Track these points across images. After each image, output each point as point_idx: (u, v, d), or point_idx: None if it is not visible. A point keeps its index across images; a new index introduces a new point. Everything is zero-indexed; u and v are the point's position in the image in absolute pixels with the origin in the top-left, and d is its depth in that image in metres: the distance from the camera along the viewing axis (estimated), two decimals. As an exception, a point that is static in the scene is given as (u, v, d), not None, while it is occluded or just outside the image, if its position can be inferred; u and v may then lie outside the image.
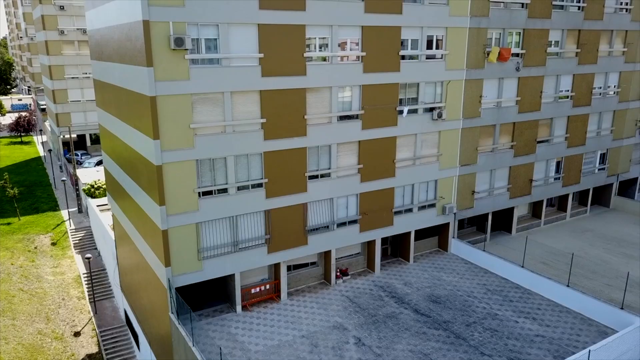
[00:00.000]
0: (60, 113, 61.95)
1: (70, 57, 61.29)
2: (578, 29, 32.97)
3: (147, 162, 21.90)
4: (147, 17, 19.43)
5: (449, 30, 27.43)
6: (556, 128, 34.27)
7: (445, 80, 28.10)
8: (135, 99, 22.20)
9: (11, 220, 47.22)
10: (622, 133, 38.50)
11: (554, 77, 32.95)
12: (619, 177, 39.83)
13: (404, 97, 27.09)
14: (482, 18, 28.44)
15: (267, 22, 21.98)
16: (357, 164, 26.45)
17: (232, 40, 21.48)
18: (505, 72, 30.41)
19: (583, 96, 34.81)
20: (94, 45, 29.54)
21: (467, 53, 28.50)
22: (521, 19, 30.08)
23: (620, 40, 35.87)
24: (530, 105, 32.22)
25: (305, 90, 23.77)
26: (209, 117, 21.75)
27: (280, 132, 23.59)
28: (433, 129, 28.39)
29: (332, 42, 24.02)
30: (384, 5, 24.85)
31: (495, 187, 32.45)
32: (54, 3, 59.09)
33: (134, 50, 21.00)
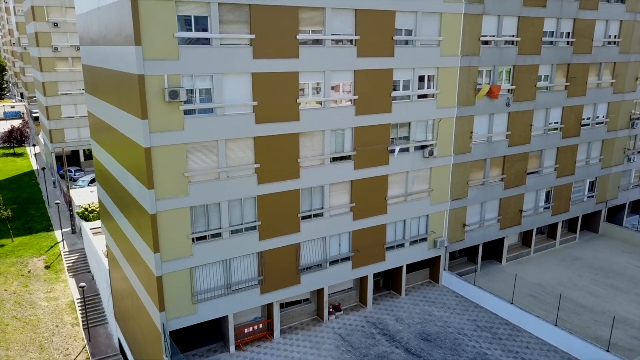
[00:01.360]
0: (54, 129, 61.92)
1: (64, 74, 61.29)
2: (567, 63, 33.53)
3: (142, 209, 22.15)
4: (142, 71, 19.70)
5: (440, 70, 27.87)
6: (546, 159, 34.82)
7: (437, 118, 28.54)
8: (130, 146, 22.44)
9: (4, 242, 47.20)
10: (611, 161, 39.14)
11: (543, 110, 33.49)
12: (607, 203, 40.46)
13: (395, 136, 27.49)
14: (472, 57, 28.91)
15: (260, 71, 22.30)
16: (350, 202, 26.82)
17: (226, 89, 21.79)
18: (496, 107, 30.90)
19: (572, 127, 35.39)
20: (88, 77, 29.72)
21: (458, 91, 28.95)
22: (511, 56, 30.58)
23: (609, 71, 36.49)
24: (520, 138, 32.74)
25: (298, 134, 24.12)
26: (203, 165, 22.03)
27: (274, 176, 23.91)
28: (424, 165, 28.81)
29: (325, 86, 24.38)
30: (376, 49, 25.25)
31: (486, 219, 32.93)
32: (47, 20, 59.09)
33: (130, 100, 21.25)
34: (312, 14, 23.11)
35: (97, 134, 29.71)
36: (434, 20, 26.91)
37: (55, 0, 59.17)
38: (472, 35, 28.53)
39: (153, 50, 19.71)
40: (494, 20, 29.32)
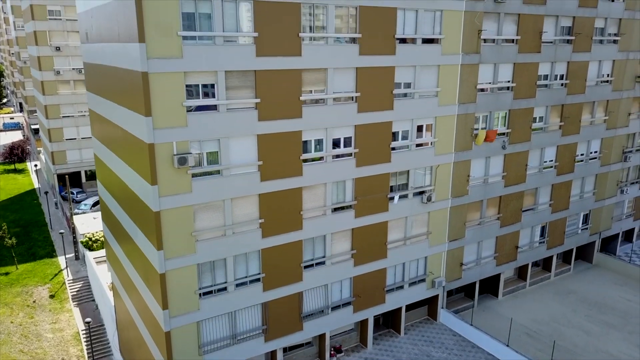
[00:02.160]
0: (56, 151, 62.60)
1: (66, 97, 61.94)
2: (561, 104, 34.44)
3: (152, 267, 22.92)
4: (152, 140, 20.49)
5: (438, 119, 28.73)
6: (541, 196, 35.72)
7: (435, 164, 29.39)
8: (141, 205, 23.20)
9: (9, 270, 47.86)
10: (604, 194, 40.07)
11: (538, 150, 34.38)
12: (601, 234, 41.40)
13: (394, 183, 28.33)
14: (469, 104, 29.77)
15: (265, 132, 23.12)
16: (351, 249, 27.65)
17: (232, 151, 22.59)
18: (492, 150, 31.77)
19: (566, 164, 36.29)
20: (99, 127, 30.46)
21: (456, 137, 29.81)
22: (507, 101, 31.47)
23: (602, 109, 37.43)
24: (515, 178, 33.63)
25: (301, 188, 24.94)
26: (209, 224, 22.83)
27: (278, 229, 24.72)
28: (423, 210, 29.66)
29: (327, 142, 25.21)
30: (376, 104, 26.09)
31: (483, 257, 33.79)
32: (50, 44, 59.73)
33: (140, 164, 22.02)
34: (314, 74, 23.94)
35: (108, 181, 30.46)
36: (432, 73, 27.77)
37: (58, 24, 59.84)
38: (469, 83, 29.40)
39: (162, 119, 20.50)
40: (490, 68, 30.19)
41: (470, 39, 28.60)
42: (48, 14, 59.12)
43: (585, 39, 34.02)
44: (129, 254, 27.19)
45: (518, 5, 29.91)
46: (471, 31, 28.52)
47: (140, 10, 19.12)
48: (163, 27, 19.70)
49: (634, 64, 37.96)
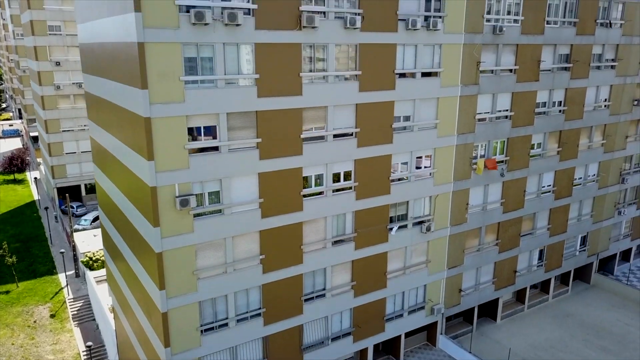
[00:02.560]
0: (56, 165, 62.75)
1: (66, 111, 62.06)
2: (559, 130, 34.72)
3: (153, 304, 23.13)
4: (155, 183, 20.70)
5: (437, 149, 28.97)
6: (539, 220, 35.98)
7: (434, 194, 29.64)
8: (143, 245, 23.41)
9: (9, 288, 48.00)
10: (602, 215, 40.35)
11: (536, 175, 34.64)
12: (598, 255, 41.68)
13: (394, 214, 28.57)
14: (468, 134, 30.03)
15: (267, 170, 23.34)
16: (351, 281, 27.88)
17: (234, 190, 22.81)
18: (490, 178, 32.02)
19: (564, 189, 36.57)
20: (100, 158, 30.66)
21: (455, 167, 30.06)
22: (505, 129, 31.72)
23: (600, 133, 37.70)
24: (514, 204, 33.89)
25: (302, 223, 25.17)
26: (211, 262, 23.04)
27: (279, 264, 24.95)
28: (422, 240, 29.90)
29: (327, 177, 25.43)
30: (375, 138, 26.33)
31: (481, 282, 34.05)
32: (50, 60, 59.85)
33: (143, 205, 22.22)
34: (315, 112, 24.18)
35: (111, 213, 30.64)
36: (431, 105, 28.01)
37: (58, 40, 59.96)
38: (468, 114, 29.64)
39: (165, 162, 20.71)
40: (488, 98, 30.45)
41: (469, 71, 28.85)
42: (48, 29, 59.26)
43: (583, 65, 34.29)
44: (130, 284, 27.39)
45: (516, 36, 30.17)
46: (470, 63, 28.77)
47: (142, 57, 19.34)
48: (165, 73, 19.91)
49: (631, 87, 38.25)
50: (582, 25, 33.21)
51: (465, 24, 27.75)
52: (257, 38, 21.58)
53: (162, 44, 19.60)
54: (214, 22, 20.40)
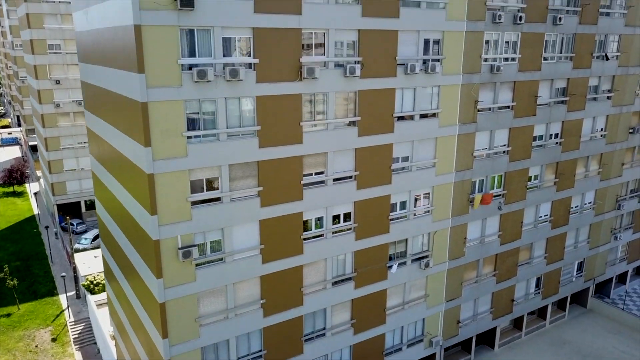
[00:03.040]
0: (56, 182, 62.98)
1: (66, 128, 62.26)
2: (556, 161, 35.10)
3: (156, 349, 23.47)
4: (158, 236, 21.03)
5: (435, 187, 29.33)
6: (536, 250, 36.39)
7: (432, 231, 30.01)
8: (146, 292, 23.73)
9: (11, 310, 48.27)
10: (598, 241, 40.78)
11: (533, 207, 35.05)
12: (595, 280, 42.12)
13: (393, 252, 28.94)
14: (466, 171, 30.39)
15: (268, 217, 23.68)
16: (350, 319, 28.25)
17: (235, 238, 23.14)
18: (488, 212, 32.41)
19: (561, 218, 36.98)
20: (104, 198, 30.97)
21: (453, 203, 30.43)
22: (503, 164, 32.09)
23: (596, 162, 38.11)
24: (511, 235, 34.28)
25: (302, 266, 25.52)
26: (213, 308, 23.37)
27: (279, 307, 25.30)
28: (420, 276, 30.28)
29: (327, 219, 25.78)
30: (374, 180, 26.67)
31: (479, 313, 34.45)
32: (50, 78, 60.06)
33: (146, 256, 22.55)
34: (315, 158, 24.52)
35: (113, 250, 30.97)
36: (430, 145, 28.38)
37: (58, 58, 60.15)
38: (465, 151, 30.01)
39: (168, 216, 21.03)
40: (486, 135, 30.82)
41: (467, 110, 29.21)
42: (48, 48, 59.46)
43: (579, 98, 34.68)
44: (132, 323, 27.73)
45: (513, 73, 30.55)
46: (468, 102, 29.13)
47: (146, 116, 19.65)
48: (168, 130, 20.23)
49: (627, 116, 38.67)
50: (578, 60, 33.60)
51: (463, 65, 28.11)
52: (258, 91, 21.91)
53: (165, 102, 19.92)
54: (216, 79, 20.73)
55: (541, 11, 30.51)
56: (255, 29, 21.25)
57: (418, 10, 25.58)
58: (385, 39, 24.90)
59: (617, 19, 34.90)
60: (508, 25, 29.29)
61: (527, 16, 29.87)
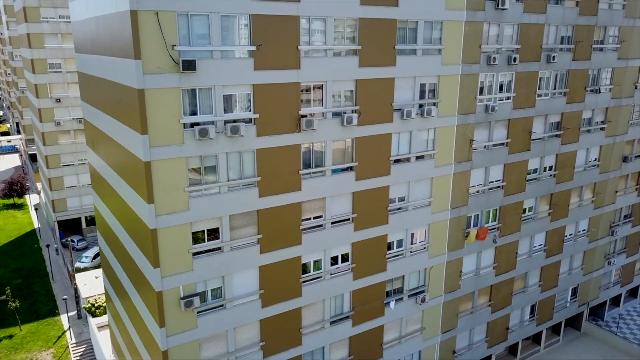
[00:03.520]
0: (57, 199, 63.49)
1: (66, 146, 62.75)
2: (550, 193, 35.74)
3: (158, 392, 24.11)
4: (160, 287, 21.62)
5: (431, 225, 29.94)
6: (530, 278, 37.04)
7: (429, 266, 30.64)
8: (149, 338, 24.32)
9: (13, 332, 48.82)
10: (592, 267, 41.46)
11: (528, 237, 35.69)
12: (589, 304, 42.80)
13: (390, 288, 29.57)
14: (461, 207, 31.01)
15: (268, 263, 24.28)
16: (348, 355, 28.86)
17: (235, 284, 23.75)
18: (483, 246, 33.03)
19: (555, 246, 37.62)
20: (108, 243, 31.55)
21: (448, 239, 31.05)
22: (497, 199, 32.71)
23: (590, 191, 38.75)
24: (506, 266, 34.93)
25: (300, 308, 26.13)
26: (214, 352, 23.98)
27: (278, 348, 25.91)
28: (417, 310, 30.90)
29: (325, 261, 26.38)
30: (371, 221, 27.27)
31: (474, 342, 35.11)
32: (50, 97, 60.52)
33: (149, 304, 23.14)
34: (313, 204, 25.11)
35: (119, 290, 31.53)
36: (426, 185, 28.97)
37: (58, 77, 60.60)
38: (461, 189, 30.62)
39: (170, 267, 21.62)
40: (481, 172, 31.43)
41: (462, 149, 29.82)
42: (49, 67, 59.92)
43: (573, 131, 35.31)
44: None
45: (508, 111, 31.16)
46: (463, 142, 29.74)
47: (149, 175, 20.22)
48: (171, 186, 20.81)
49: (620, 146, 39.30)
50: (572, 94, 34.22)
51: (458, 106, 28.72)
52: (258, 144, 22.49)
53: (168, 160, 20.49)
54: (217, 135, 21.31)
55: (535, 51, 31.13)
56: (256, 85, 21.84)
57: (414, 57, 26.18)
58: (382, 87, 25.50)
59: (610, 52, 35.55)
60: (503, 66, 29.89)
61: (521, 56, 30.49)
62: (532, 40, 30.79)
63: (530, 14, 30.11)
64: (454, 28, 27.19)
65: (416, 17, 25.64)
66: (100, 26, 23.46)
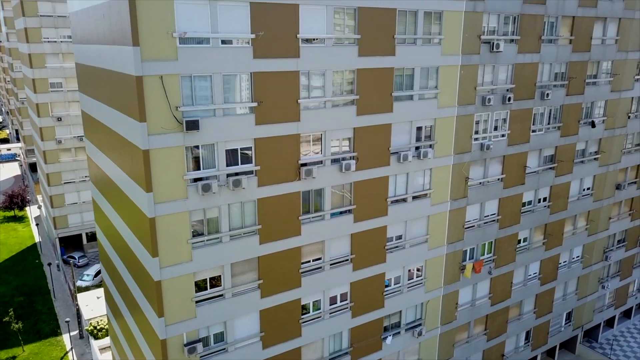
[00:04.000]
0: (58, 216, 64.09)
1: (68, 164, 63.33)
2: (545, 223, 36.46)
3: None
4: (164, 335, 22.29)
5: (428, 261, 30.64)
6: (525, 306, 37.78)
7: (425, 300, 31.34)
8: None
9: (16, 352, 49.44)
10: (586, 292, 42.22)
11: (523, 267, 36.43)
12: (583, 327, 43.57)
13: (387, 323, 30.27)
14: (457, 242, 31.72)
15: (268, 306, 24.94)
16: (346, 389, 29.65)
17: (237, 328, 24.42)
18: (479, 277, 33.75)
19: (550, 274, 38.36)
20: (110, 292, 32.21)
21: (445, 273, 31.75)
22: (493, 232, 33.42)
23: (584, 219, 39.48)
24: (501, 295, 35.66)
25: (300, 347, 26.81)
26: (216, 394, 24.70)
27: (279, 386, 26.66)
28: (414, 343, 31.63)
29: (324, 300, 27.07)
30: (370, 260, 27.99)
31: (470, 370, 35.92)
32: (51, 116, 61.09)
33: (155, 351, 23.81)
34: (313, 247, 25.80)
35: (122, 329, 32.17)
36: (423, 223, 29.67)
37: (59, 96, 61.19)
38: (457, 224, 31.32)
39: (174, 316, 22.28)
40: (476, 207, 32.12)
41: (458, 186, 30.51)
42: (50, 87, 60.47)
43: (567, 163, 36.02)
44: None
45: (503, 148, 31.86)
46: (459, 179, 30.42)
47: (154, 228, 20.88)
48: (174, 238, 21.47)
49: (614, 174, 40.02)
50: (566, 128, 34.94)
51: (454, 146, 29.41)
52: (259, 194, 23.16)
53: (172, 214, 21.15)
54: (219, 189, 21.97)
55: (529, 88, 31.83)
56: (257, 139, 22.50)
57: (411, 102, 26.87)
58: (379, 133, 26.17)
59: (603, 86, 36.27)
60: (497, 106, 30.59)
61: (515, 95, 31.20)
62: (526, 79, 31.50)
63: (524, 54, 30.82)
64: (449, 72, 27.87)
65: (413, 64, 26.33)
66: (107, 90, 24.10)
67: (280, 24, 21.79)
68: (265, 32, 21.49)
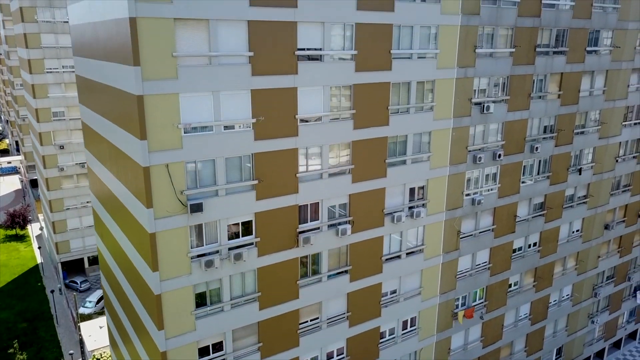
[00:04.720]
0: (60, 242, 65.19)
1: (69, 190, 64.40)
2: (535, 267, 37.69)
3: None
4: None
5: (421, 312, 31.84)
6: (516, 345, 38.97)
7: (419, 349, 32.54)
8: None
9: (20, 383, 50.57)
10: (576, 327, 43.45)
11: (514, 309, 37.62)
12: (573, 361, 44.91)
13: None
14: (449, 292, 32.91)
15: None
16: None
17: None
18: (471, 322, 34.96)
19: (540, 314, 39.54)
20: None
21: (437, 322, 32.96)
22: (484, 280, 34.59)
23: (573, 259, 40.71)
24: (493, 338, 36.86)
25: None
26: None
27: None
28: (408, 388, 32.91)
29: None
30: (365, 316, 29.17)
31: (463, 407, 37.15)
32: (54, 144, 62.15)
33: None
34: (310, 308, 26.97)
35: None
36: (416, 277, 30.87)
37: (61, 124, 62.22)
38: (449, 276, 32.51)
39: None
40: (468, 258, 33.32)
41: (450, 240, 31.72)
42: (52, 115, 61.52)
43: (556, 209, 37.24)
44: None
45: (494, 200, 33.07)
46: (451, 233, 31.63)
47: (159, 304, 22.03)
48: (179, 311, 22.63)
49: (602, 215, 41.23)
50: (555, 177, 36.14)
51: (446, 204, 30.61)
52: (259, 264, 24.34)
53: (176, 290, 22.30)
54: (221, 262, 23.13)
55: (519, 143, 33.05)
56: (258, 212, 23.66)
57: (404, 166, 28.05)
58: (374, 197, 27.36)
59: (592, 134, 37.49)
60: (488, 162, 31.80)
61: (505, 150, 32.40)
62: (516, 134, 32.72)
63: (514, 112, 32.04)
64: (441, 136, 29.07)
65: (406, 131, 27.53)
66: (114, 173, 25.27)
67: (279, 107, 22.96)
68: (265, 116, 22.66)
